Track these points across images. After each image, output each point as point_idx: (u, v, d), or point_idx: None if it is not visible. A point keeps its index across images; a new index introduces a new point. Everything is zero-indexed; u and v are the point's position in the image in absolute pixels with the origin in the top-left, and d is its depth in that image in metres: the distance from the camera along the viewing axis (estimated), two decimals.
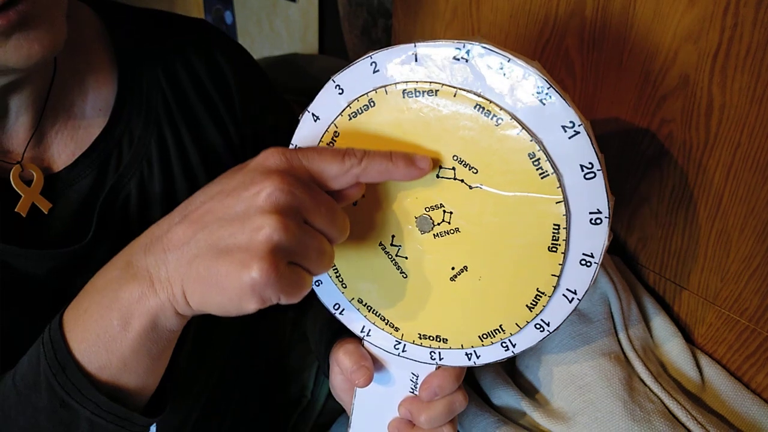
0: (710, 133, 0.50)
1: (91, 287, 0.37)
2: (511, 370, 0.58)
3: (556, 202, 0.35)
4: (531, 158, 0.35)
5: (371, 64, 0.37)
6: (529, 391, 0.55)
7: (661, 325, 0.56)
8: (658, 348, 0.56)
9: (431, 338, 0.43)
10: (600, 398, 0.50)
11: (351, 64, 0.38)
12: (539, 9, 0.61)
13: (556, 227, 0.36)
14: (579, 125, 0.33)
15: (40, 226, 0.47)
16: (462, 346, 0.42)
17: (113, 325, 0.35)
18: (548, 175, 0.35)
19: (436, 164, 0.38)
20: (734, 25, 0.46)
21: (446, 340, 0.42)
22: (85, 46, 0.50)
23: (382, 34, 0.98)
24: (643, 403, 0.49)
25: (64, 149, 0.49)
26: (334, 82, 0.39)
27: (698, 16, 0.48)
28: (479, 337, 0.41)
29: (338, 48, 1.11)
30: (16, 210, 0.45)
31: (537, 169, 0.35)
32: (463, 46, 0.34)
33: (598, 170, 0.34)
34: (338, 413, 0.73)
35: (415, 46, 0.36)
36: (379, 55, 0.37)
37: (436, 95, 0.36)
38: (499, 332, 0.40)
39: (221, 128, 0.55)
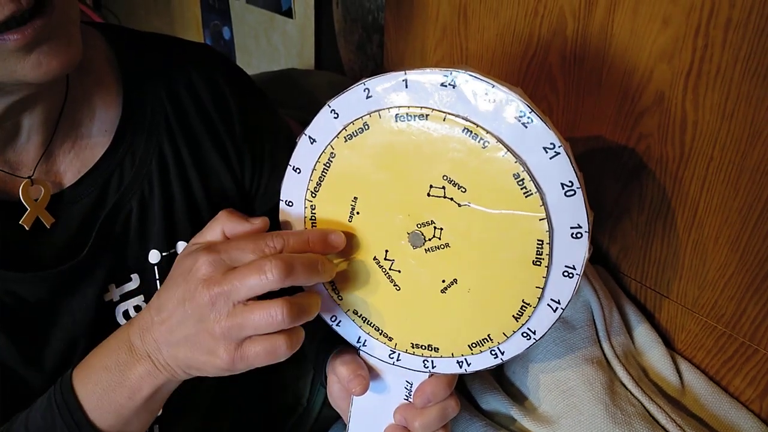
0: (685, 147, 0.53)
1: (101, 364, 0.44)
2: (499, 376, 0.60)
3: (540, 219, 0.37)
4: (516, 178, 0.37)
5: (364, 90, 0.39)
6: (516, 396, 0.57)
7: (642, 332, 0.59)
8: (640, 354, 0.58)
9: (423, 347, 0.44)
10: (582, 402, 0.51)
11: (345, 90, 0.40)
12: (524, 28, 0.64)
13: (540, 242, 0.38)
14: (559, 146, 0.36)
15: (41, 242, 0.49)
16: (453, 354, 0.44)
17: (123, 397, 0.43)
18: (532, 194, 0.37)
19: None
20: (705, 45, 0.49)
21: (437, 349, 0.44)
22: (93, 68, 0.52)
23: (377, 50, 1.00)
24: (624, 407, 0.51)
25: (70, 167, 0.51)
26: (330, 106, 0.41)
27: (672, 36, 0.51)
28: (469, 346, 0.43)
29: (334, 63, 1.13)
30: (20, 222, 0.47)
31: (521, 189, 0.37)
32: (450, 73, 0.37)
33: (577, 188, 0.36)
34: (333, 420, 0.75)
35: (405, 73, 0.38)
36: (372, 82, 0.39)
37: (426, 119, 0.38)
38: (488, 341, 0.42)
39: (220, 149, 0.57)
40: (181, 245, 0.55)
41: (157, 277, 0.54)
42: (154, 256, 0.54)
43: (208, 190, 0.56)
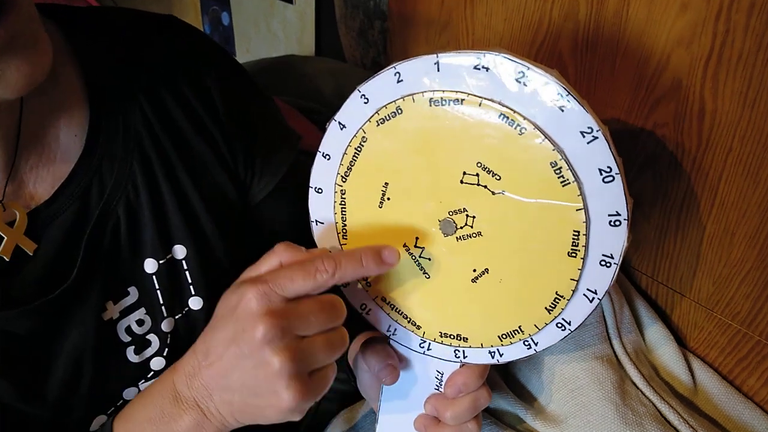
0: (702, 137, 0.51)
1: (144, 416, 0.41)
2: (505, 373, 0.58)
3: (576, 210, 0.36)
4: (553, 167, 0.36)
5: (395, 75, 0.39)
6: (524, 394, 0.55)
7: (653, 329, 0.57)
8: (651, 352, 0.57)
9: (452, 337, 0.44)
10: (592, 401, 0.50)
11: (375, 74, 0.39)
12: (533, 12, 0.61)
13: (576, 233, 0.37)
14: (597, 130, 0.34)
15: (24, 270, 0.44)
16: (482, 345, 0.43)
17: None
18: (569, 183, 0.36)
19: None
20: (726, 30, 0.46)
21: (466, 339, 0.43)
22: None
23: (379, 36, 0.98)
24: (635, 407, 0.49)
25: (42, 183, 0.45)
26: (360, 92, 0.40)
27: (690, 21, 0.48)
28: (499, 336, 0.42)
29: (335, 49, 1.11)
30: None
31: (558, 178, 0.36)
32: (484, 56, 0.36)
33: (616, 174, 0.35)
34: (332, 416, 0.73)
35: (437, 56, 0.37)
36: (403, 66, 0.38)
37: (461, 104, 0.37)
38: (518, 333, 0.41)
39: (208, 140, 0.52)
40: (178, 249, 0.51)
41: (157, 287, 0.50)
42: (150, 266, 0.50)
43: (201, 186, 0.51)
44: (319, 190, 0.45)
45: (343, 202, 0.44)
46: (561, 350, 0.53)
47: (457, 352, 0.44)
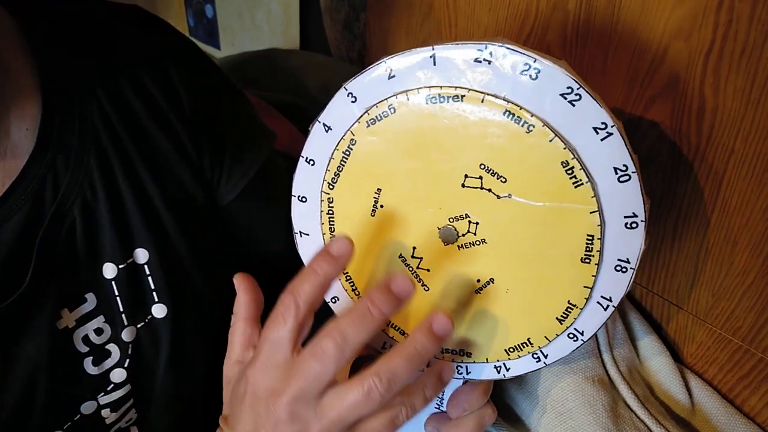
0: (702, 137, 0.47)
1: None
2: None
3: (591, 212, 0.34)
4: (564, 167, 0.34)
5: (386, 70, 0.36)
6: (508, 416, 0.52)
7: (648, 344, 0.53)
8: (644, 367, 0.53)
9: (454, 352, 0.41)
10: (582, 426, 0.46)
11: (364, 70, 0.36)
12: (520, 2, 0.57)
13: (590, 238, 0.35)
14: (611, 126, 0.32)
15: None
16: (487, 360, 0.41)
17: None
18: (582, 184, 0.34)
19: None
20: (729, 21, 0.42)
21: (470, 354, 0.41)
22: None
23: (364, 29, 0.95)
24: None
25: None
26: (346, 89, 0.37)
27: (690, 11, 0.44)
28: (506, 350, 0.40)
29: (320, 42, 1.08)
30: None
31: (570, 178, 0.34)
32: (485, 47, 0.33)
33: (633, 172, 0.33)
34: None
35: (432, 48, 0.34)
36: (395, 60, 0.35)
37: (462, 101, 0.35)
38: (527, 345, 0.39)
39: (170, 135, 0.49)
40: (139, 253, 0.47)
41: (117, 293, 0.47)
42: (109, 271, 0.46)
43: (163, 185, 0.48)
44: (303, 199, 0.42)
45: (330, 212, 0.41)
46: (548, 369, 0.49)
47: (459, 368, 0.42)
